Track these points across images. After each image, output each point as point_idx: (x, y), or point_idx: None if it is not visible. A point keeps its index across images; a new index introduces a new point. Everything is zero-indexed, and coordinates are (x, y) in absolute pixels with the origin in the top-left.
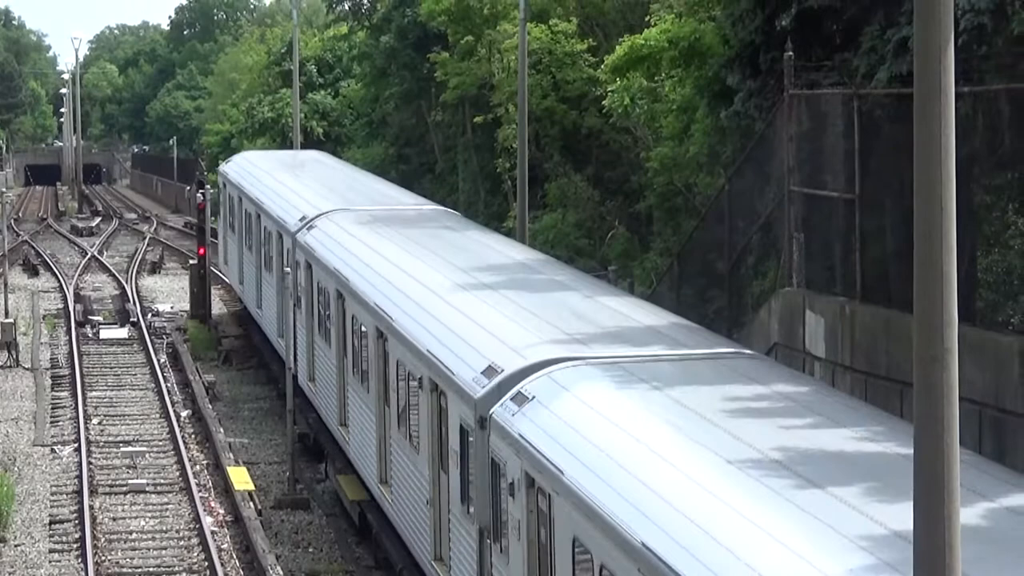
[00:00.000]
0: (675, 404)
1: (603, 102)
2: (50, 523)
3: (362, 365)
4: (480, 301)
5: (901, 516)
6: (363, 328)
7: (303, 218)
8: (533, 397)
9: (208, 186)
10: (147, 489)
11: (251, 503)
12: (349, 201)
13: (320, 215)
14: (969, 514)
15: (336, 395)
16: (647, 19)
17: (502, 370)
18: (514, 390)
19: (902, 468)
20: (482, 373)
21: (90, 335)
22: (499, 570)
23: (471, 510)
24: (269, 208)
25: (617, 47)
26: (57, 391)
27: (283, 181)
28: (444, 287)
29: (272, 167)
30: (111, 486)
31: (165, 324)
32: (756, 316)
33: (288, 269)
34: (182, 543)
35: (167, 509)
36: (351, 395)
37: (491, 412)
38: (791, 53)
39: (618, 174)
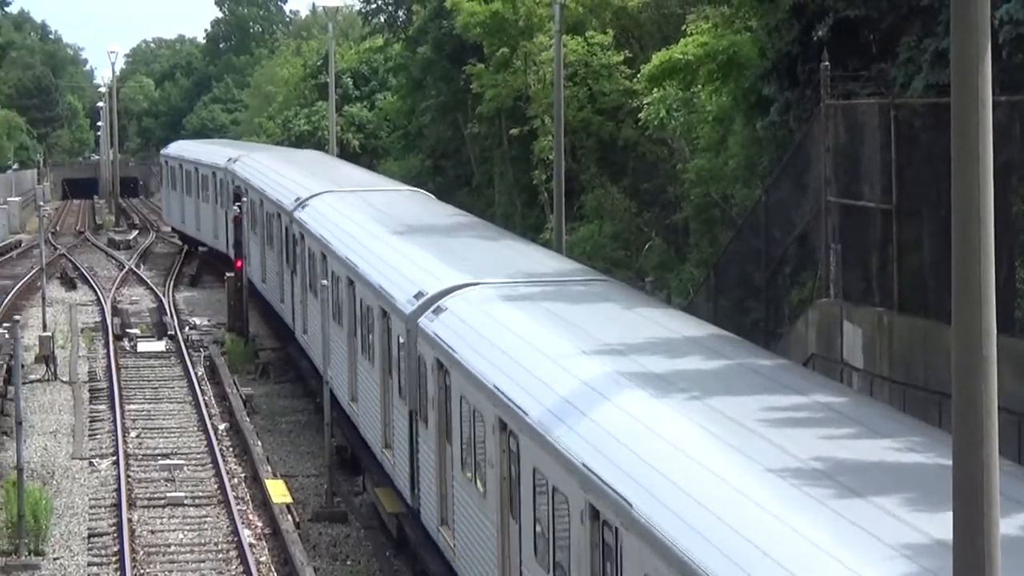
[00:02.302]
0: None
1: (639, 114)
2: (89, 536)
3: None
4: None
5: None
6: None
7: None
8: (447, 309)
9: (245, 199)
10: (185, 502)
11: (289, 516)
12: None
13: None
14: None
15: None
16: (683, 29)
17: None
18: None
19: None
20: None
21: (128, 348)
22: (423, 438)
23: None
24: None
25: (654, 57)
26: (95, 404)
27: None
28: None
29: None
30: (149, 499)
31: (202, 337)
32: (793, 327)
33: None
34: (220, 556)
35: (205, 522)
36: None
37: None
38: (827, 63)
39: (654, 185)
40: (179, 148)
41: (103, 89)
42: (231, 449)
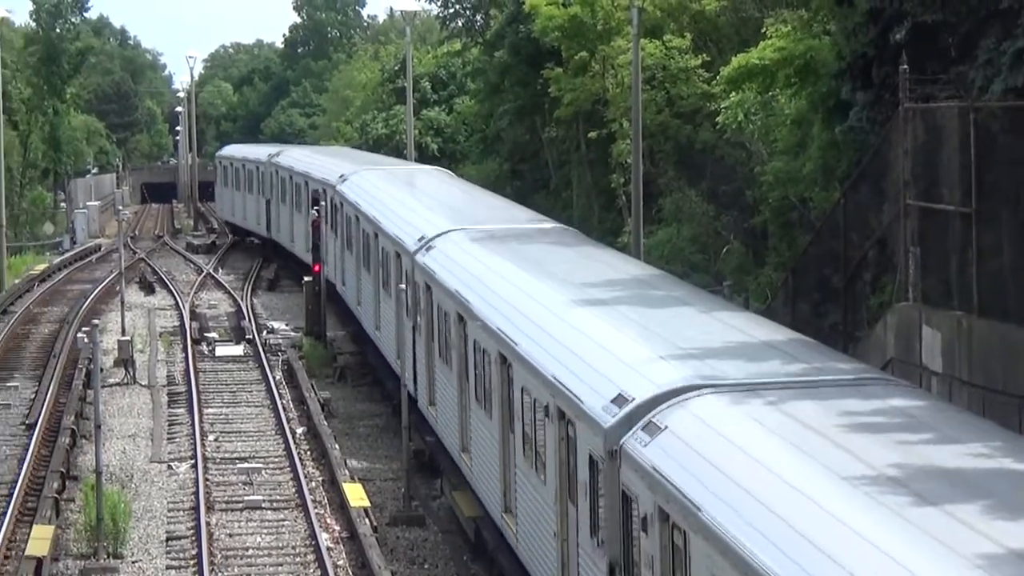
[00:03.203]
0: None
1: (717, 118)
2: (167, 540)
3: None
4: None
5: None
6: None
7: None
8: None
9: (323, 203)
10: (263, 506)
11: (367, 520)
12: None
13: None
14: None
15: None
16: (762, 32)
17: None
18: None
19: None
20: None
21: (206, 352)
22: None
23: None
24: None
25: (732, 61)
26: (173, 408)
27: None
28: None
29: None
30: (227, 503)
31: (280, 341)
32: (872, 331)
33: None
34: (298, 560)
35: (283, 526)
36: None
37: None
38: (906, 66)
39: (733, 188)
40: (229, 150)
41: (181, 94)
42: (309, 453)
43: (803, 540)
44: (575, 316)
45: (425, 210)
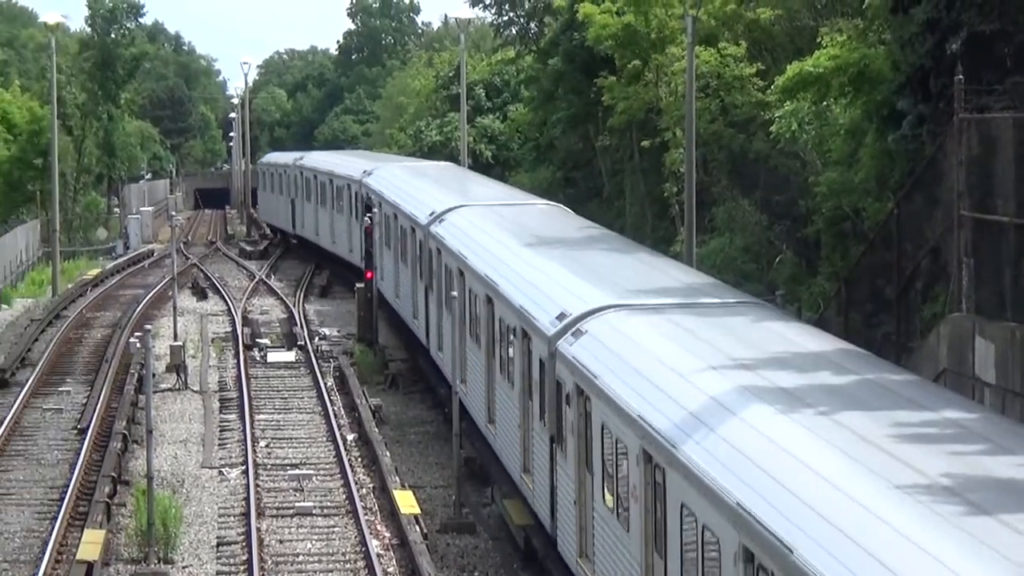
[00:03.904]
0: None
1: (771, 127)
2: (217, 545)
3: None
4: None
5: None
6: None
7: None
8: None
9: (376, 209)
10: (314, 512)
11: (417, 526)
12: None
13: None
14: None
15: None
16: (817, 41)
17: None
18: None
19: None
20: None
21: (258, 358)
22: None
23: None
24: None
25: (786, 70)
26: (225, 414)
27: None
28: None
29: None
30: (278, 508)
31: (332, 348)
32: (925, 342)
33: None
34: (348, 566)
35: (333, 532)
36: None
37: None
38: (961, 77)
39: (786, 198)
40: (267, 158)
41: (235, 100)
42: (360, 459)
43: (663, 394)
44: (538, 261)
45: (437, 191)
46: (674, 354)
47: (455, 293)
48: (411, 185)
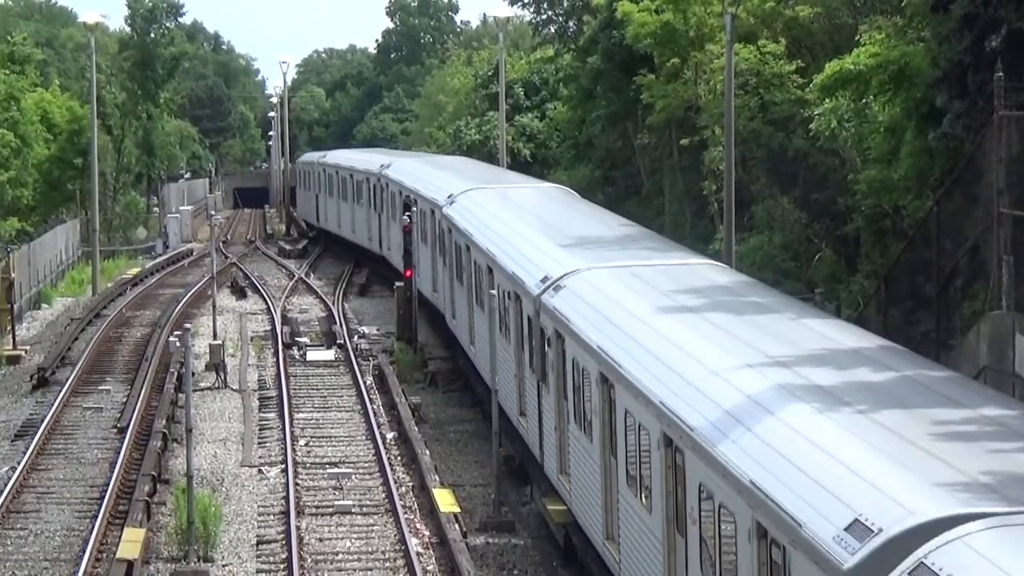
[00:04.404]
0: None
1: (810, 125)
2: (257, 543)
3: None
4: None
5: None
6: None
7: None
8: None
9: (415, 209)
10: (353, 510)
11: (456, 525)
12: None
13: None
14: None
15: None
16: (856, 39)
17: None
18: (554, 284)
19: None
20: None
21: (297, 357)
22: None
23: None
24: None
25: (826, 67)
26: (264, 412)
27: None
28: None
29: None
30: (317, 507)
31: (371, 346)
32: (964, 339)
33: (493, 292)
34: (388, 564)
35: (373, 530)
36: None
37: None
38: (1001, 74)
39: (825, 196)
40: (303, 158)
41: (274, 99)
42: (399, 458)
43: (614, 327)
44: (530, 235)
45: (453, 176)
46: (633, 301)
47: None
48: (427, 173)
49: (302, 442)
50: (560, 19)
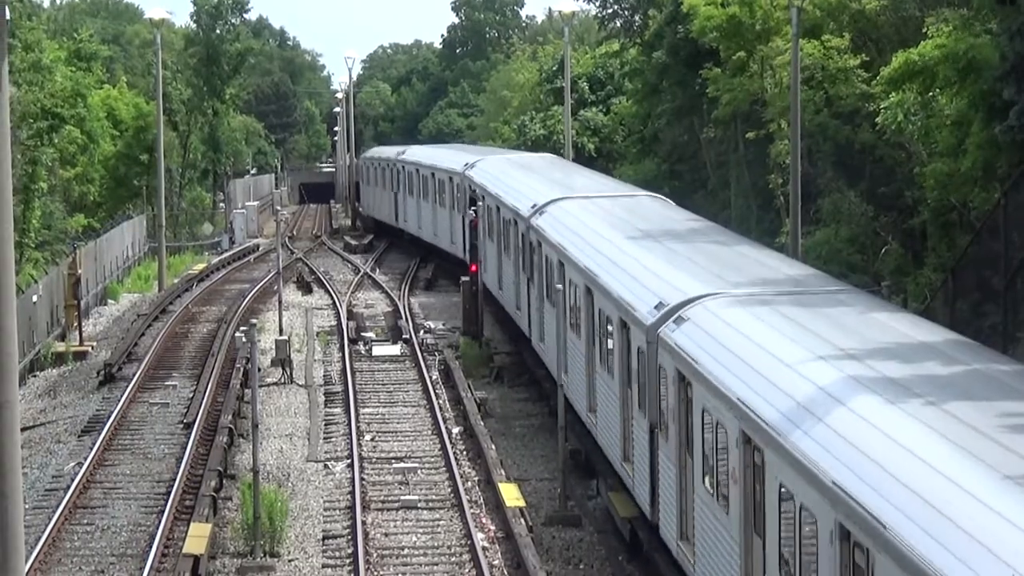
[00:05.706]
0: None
1: (876, 118)
2: (323, 538)
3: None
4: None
5: None
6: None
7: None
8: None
9: (480, 203)
10: (419, 505)
11: (522, 519)
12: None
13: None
14: None
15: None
16: (923, 31)
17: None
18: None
19: None
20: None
21: (363, 352)
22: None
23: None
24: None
25: (892, 60)
26: (330, 407)
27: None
28: None
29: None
30: (383, 502)
31: (437, 341)
32: None
33: (559, 286)
34: (453, 559)
35: (439, 525)
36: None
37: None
38: None
39: (892, 189)
40: (371, 153)
41: (340, 95)
42: (465, 453)
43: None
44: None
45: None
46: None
47: (559, 285)
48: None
49: (368, 437)
50: (625, 13)
